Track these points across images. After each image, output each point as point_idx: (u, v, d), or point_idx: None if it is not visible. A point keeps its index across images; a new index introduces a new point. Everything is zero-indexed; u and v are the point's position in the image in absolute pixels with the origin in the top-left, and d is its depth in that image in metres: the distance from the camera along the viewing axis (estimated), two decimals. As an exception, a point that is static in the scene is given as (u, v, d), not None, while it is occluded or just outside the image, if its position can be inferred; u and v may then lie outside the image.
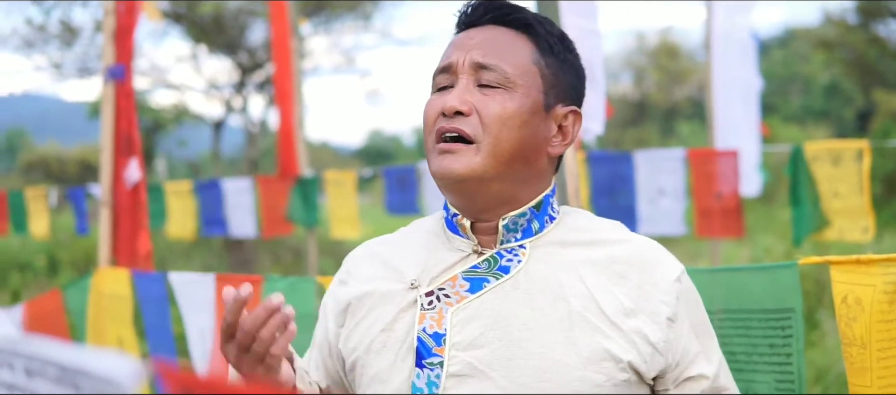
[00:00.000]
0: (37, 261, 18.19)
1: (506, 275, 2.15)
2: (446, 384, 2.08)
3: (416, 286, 2.19)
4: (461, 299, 2.14)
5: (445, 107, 2.13)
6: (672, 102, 37.66)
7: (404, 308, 2.18)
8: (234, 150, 33.43)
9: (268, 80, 19.48)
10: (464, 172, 2.11)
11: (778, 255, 12.61)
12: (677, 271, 2.15)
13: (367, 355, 2.20)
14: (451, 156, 2.12)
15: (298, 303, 4.25)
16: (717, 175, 7.98)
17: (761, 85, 8.90)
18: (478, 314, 2.12)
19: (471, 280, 2.16)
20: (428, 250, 2.25)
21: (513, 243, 2.19)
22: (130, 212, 5.77)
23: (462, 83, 2.15)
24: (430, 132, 2.17)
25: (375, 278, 2.27)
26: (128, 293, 5.18)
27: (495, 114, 2.12)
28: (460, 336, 2.10)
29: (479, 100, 2.13)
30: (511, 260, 2.17)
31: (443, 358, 2.09)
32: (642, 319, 2.08)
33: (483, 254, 2.19)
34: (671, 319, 2.09)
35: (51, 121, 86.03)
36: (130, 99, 5.79)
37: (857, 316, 2.58)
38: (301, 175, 10.13)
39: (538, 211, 2.21)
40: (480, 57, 2.15)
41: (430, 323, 2.13)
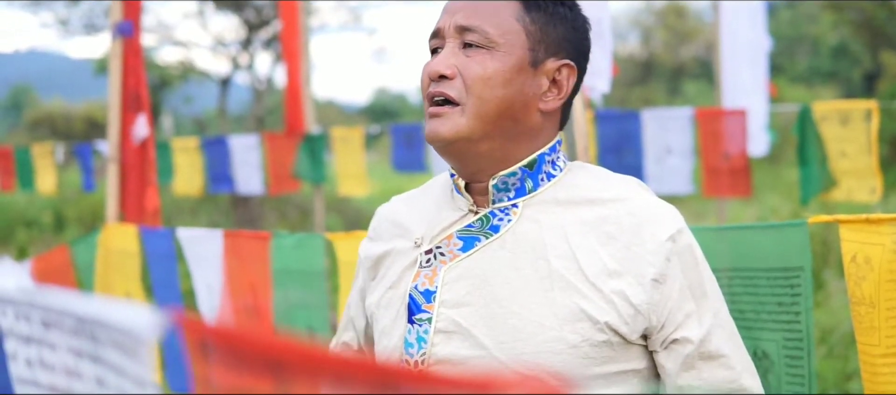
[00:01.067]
0: (43, 217, 18.23)
1: (495, 234, 2.17)
2: (434, 340, 2.12)
3: (419, 245, 2.24)
4: (454, 257, 2.18)
5: (430, 71, 2.16)
6: (679, 62, 37.55)
7: (408, 266, 2.24)
8: (240, 107, 33.34)
9: (274, 37, 19.44)
10: (450, 135, 2.13)
11: (784, 215, 12.59)
12: (671, 230, 2.12)
13: (378, 310, 2.27)
14: (438, 120, 2.14)
15: (307, 260, 4.27)
16: (724, 134, 7.98)
17: (770, 45, 8.87)
18: (467, 273, 2.15)
19: (464, 239, 2.20)
20: (436, 209, 2.29)
21: (506, 203, 2.20)
22: (138, 168, 5.77)
23: (448, 47, 2.17)
24: (424, 97, 2.20)
25: (394, 236, 2.33)
26: (135, 249, 5.19)
27: (477, 75, 2.13)
28: (449, 294, 2.14)
29: (462, 62, 2.15)
30: (502, 219, 2.19)
31: (431, 315, 2.14)
32: (626, 280, 2.07)
33: (478, 213, 2.21)
34: (657, 280, 2.07)
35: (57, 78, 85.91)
36: (138, 56, 5.78)
37: (866, 275, 2.57)
38: (308, 132, 10.11)
39: (531, 170, 2.20)
40: (463, 20, 2.16)
41: (423, 281, 2.18)
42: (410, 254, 2.24)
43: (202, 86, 26.04)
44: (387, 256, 2.31)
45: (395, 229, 2.33)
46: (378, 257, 2.33)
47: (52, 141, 18.70)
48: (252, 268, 4.50)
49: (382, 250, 2.33)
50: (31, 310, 1.31)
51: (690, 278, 2.13)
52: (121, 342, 1.14)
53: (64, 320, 1.25)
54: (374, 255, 2.35)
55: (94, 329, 1.19)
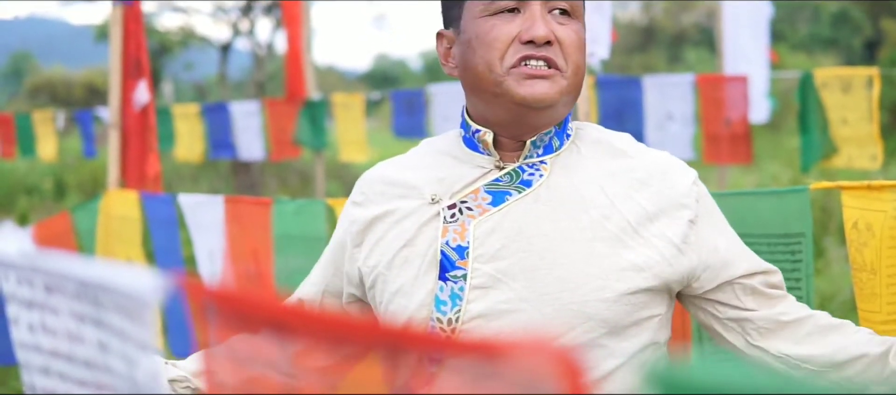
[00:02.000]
0: (44, 184, 18.23)
1: (528, 189, 2.16)
2: (469, 296, 2.10)
3: (437, 201, 2.20)
4: (484, 211, 2.15)
5: (537, 36, 2.10)
6: (679, 28, 37.47)
7: (425, 223, 2.19)
8: (240, 73, 33.33)
9: (275, 3, 19.39)
10: (555, 98, 2.11)
11: (785, 182, 12.60)
12: (693, 175, 2.20)
13: (389, 270, 2.20)
14: (544, 81, 2.11)
15: (308, 226, 4.27)
16: (725, 101, 7.97)
17: (771, 11, 8.85)
18: (500, 227, 2.13)
19: (493, 193, 2.17)
20: (445, 168, 2.25)
21: (534, 159, 2.20)
22: (139, 134, 5.77)
23: (537, 10, 2.13)
24: (500, 57, 2.13)
25: (394, 197, 2.27)
26: (137, 215, 5.20)
27: (575, 44, 2.14)
28: (483, 248, 2.12)
29: (556, 28, 2.13)
30: (533, 174, 2.18)
31: (466, 270, 2.11)
32: (664, 221, 2.11)
33: (504, 168, 2.20)
34: (692, 220, 2.13)
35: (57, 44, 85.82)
36: (139, 21, 5.77)
37: (868, 242, 2.58)
38: (309, 98, 10.11)
39: (560, 129, 2.22)
40: None
41: (454, 236, 2.15)
42: (425, 211, 2.20)
43: (202, 52, 26.04)
44: (385, 216, 2.26)
45: (394, 189, 2.28)
46: (370, 220, 2.27)
47: (53, 108, 18.67)
48: (253, 234, 4.51)
49: (377, 211, 2.27)
50: (34, 275, 1.31)
51: (715, 218, 2.21)
52: (124, 305, 1.14)
53: (66, 285, 1.25)
54: (364, 218, 2.29)
55: (97, 294, 1.19)
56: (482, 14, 2.17)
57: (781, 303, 2.20)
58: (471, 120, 2.25)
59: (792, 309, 2.19)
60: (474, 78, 2.18)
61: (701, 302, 2.21)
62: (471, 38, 2.18)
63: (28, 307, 1.35)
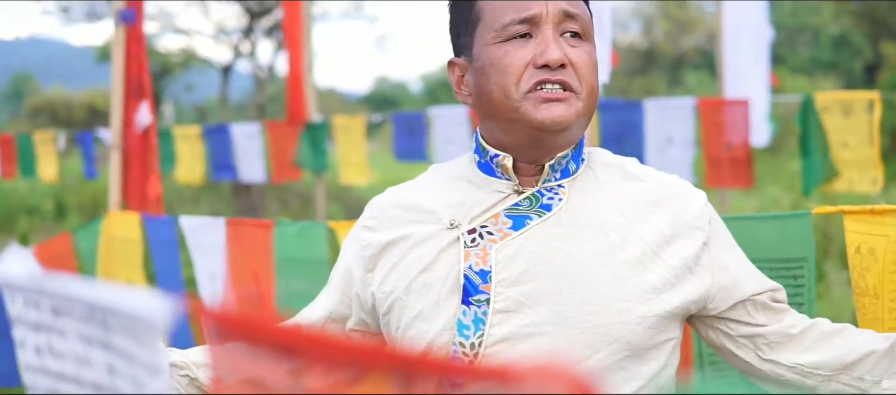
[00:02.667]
0: (44, 205, 18.24)
1: (548, 212, 2.18)
2: (493, 320, 2.10)
3: (456, 226, 2.20)
4: (505, 235, 2.16)
5: (551, 60, 2.11)
6: (680, 52, 37.54)
7: (444, 248, 2.19)
8: (240, 95, 33.38)
9: (276, 25, 19.43)
10: (572, 120, 2.13)
11: (785, 205, 12.62)
12: (703, 197, 2.24)
13: (408, 296, 2.20)
14: (561, 104, 2.13)
15: (309, 248, 4.27)
16: (726, 125, 7.97)
17: (772, 35, 8.86)
18: (522, 251, 2.14)
19: (513, 218, 2.18)
20: (460, 193, 2.26)
21: (552, 183, 2.22)
22: (141, 156, 5.78)
23: (549, 34, 2.15)
24: (516, 83, 2.14)
25: (409, 221, 2.27)
26: (138, 237, 5.20)
27: (588, 65, 2.16)
28: (506, 272, 2.12)
29: (569, 51, 2.15)
30: (552, 198, 2.20)
31: (489, 295, 2.11)
32: (680, 244, 2.15)
33: (523, 193, 2.21)
34: (706, 243, 2.17)
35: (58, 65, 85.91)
36: (141, 43, 5.79)
37: (870, 266, 2.58)
38: (310, 120, 10.12)
39: (576, 152, 2.24)
40: (566, 6, 2.16)
41: (476, 261, 2.15)
42: (444, 236, 2.21)
43: (203, 73, 26.06)
44: (400, 241, 2.25)
45: (409, 214, 2.28)
46: (384, 245, 2.27)
47: (54, 129, 18.67)
48: (254, 256, 4.51)
49: (391, 236, 2.27)
50: (41, 297, 1.31)
51: (725, 238, 2.25)
52: (132, 328, 1.14)
53: (74, 308, 1.25)
54: (377, 243, 2.29)
55: (105, 316, 1.19)
56: (495, 40, 2.19)
57: (787, 316, 2.24)
58: (486, 145, 2.26)
59: (798, 321, 2.23)
60: (490, 104, 2.19)
61: (714, 322, 2.23)
62: (484, 65, 2.19)
63: (35, 330, 1.35)
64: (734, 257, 2.24)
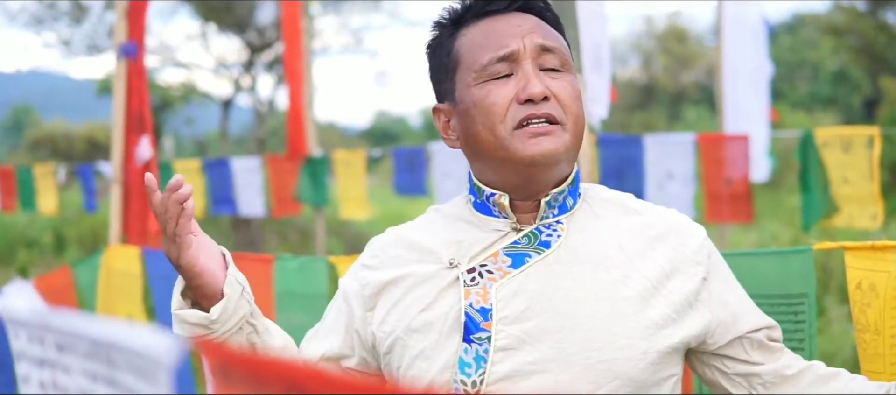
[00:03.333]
0: (44, 238, 18.22)
1: (547, 249, 2.18)
2: (494, 358, 2.10)
3: (455, 265, 2.20)
4: (504, 274, 2.16)
5: (533, 94, 2.13)
6: (679, 87, 37.61)
7: (445, 288, 2.19)
8: (240, 129, 33.41)
9: (277, 59, 19.48)
10: (560, 152, 2.14)
11: (785, 241, 12.60)
12: (703, 232, 2.25)
13: (408, 335, 2.19)
14: (548, 137, 2.14)
15: (310, 283, 4.26)
16: (726, 160, 7.98)
17: (772, 70, 8.88)
18: (523, 288, 2.14)
19: (512, 256, 2.18)
20: (459, 233, 2.26)
21: (550, 219, 2.22)
22: (141, 190, 5.78)
23: (529, 68, 2.16)
24: (501, 121, 2.16)
25: (409, 261, 2.27)
26: (138, 271, 5.19)
27: (570, 95, 2.17)
28: (507, 310, 2.12)
29: (550, 83, 2.16)
30: (550, 235, 2.20)
31: (490, 333, 2.11)
32: (680, 279, 2.15)
33: (521, 231, 2.21)
34: (705, 278, 2.17)
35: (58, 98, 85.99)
36: (142, 77, 5.80)
37: (871, 302, 2.58)
38: (310, 155, 10.13)
39: (572, 187, 2.24)
40: (542, 40, 2.18)
41: (476, 299, 2.14)
42: (444, 275, 2.20)
43: (204, 107, 26.11)
44: (400, 281, 2.25)
45: (410, 253, 2.28)
46: (384, 284, 2.26)
47: (54, 161, 18.68)
48: (255, 290, 4.45)
49: (391, 275, 2.26)
50: (45, 332, 1.31)
51: (724, 273, 2.25)
52: (137, 365, 1.14)
53: (79, 343, 1.25)
54: (377, 282, 2.28)
55: (110, 353, 1.19)
56: (476, 82, 2.20)
57: (783, 356, 2.24)
58: (481, 185, 2.26)
59: (794, 362, 2.23)
60: (478, 145, 2.20)
61: (709, 358, 2.23)
62: (469, 107, 2.20)
63: (39, 365, 1.35)
64: (733, 292, 2.24)
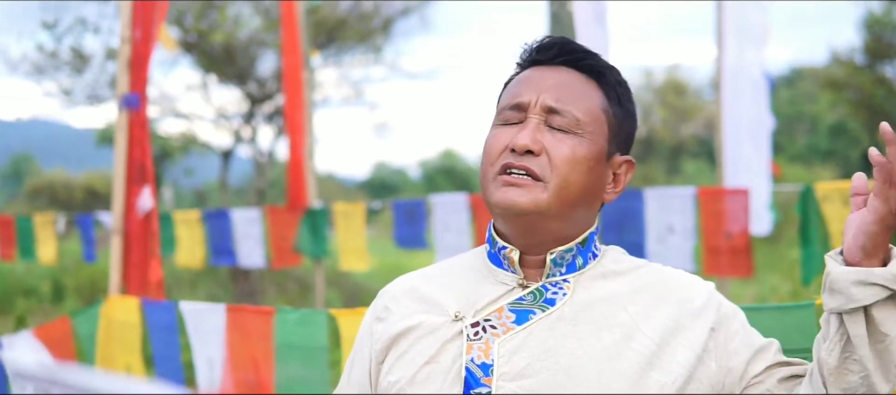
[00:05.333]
0: (42, 287, 18.19)
1: (552, 307, 2.18)
2: None
3: (460, 318, 2.21)
4: (508, 330, 2.16)
5: (517, 144, 2.16)
6: (678, 140, 37.67)
7: (449, 340, 2.20)
8: (240, 180, 33.43)
9: (277, 110, 19.49)
10: (527, 207, 2.15)
11: (784, 294, 12.59)
12: (710, 287, 2.24)
13: (411, 386, 2.20)
14: (516, 189, 2.15)
15: (309, 335, 4.26)
16: (726, 214, 7.97)
17: (773, 124, 8.89)
18: (525, 345, 2.14)
19: (517, 312, 2.19)
20: (470, 284, 2.27)
21: (557, 277, 2.22)
22: (142, 240, 5.78)
23: (533, 122, 2.19)
24: (492, 164, 2.20)
25: (417, 312, 2.28)
26: (137, 321, 5.19)
27: (566, 156, 2.17)
28: (508, 366, 2.12)
29: (549, 141, 2.17)
30: (556, 293, 2.20)
31: (490, 388, 2.11)
32: (685, 334, 2.14)
33: (528, 287, 2.22)
34: (714, 328, 2.16)
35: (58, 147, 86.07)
36: (144, 128, 5.81)
37: (873, 358, 2.57)
38: (310, 206, 10.13)
39: (583, 247, 2.25)
40: (553, 101, 2.20)
41: (478, 354, 2.15)
42: (449, 328, 2.21)
43: (204, 158, 26.12)
44: (410, 332, 2.26)
45: (419, 304, 2.29)
46: (395, 336, 2.27)
47: (53, 210, 18.67)
48: (254, 342, 4.50)
49: (402, 327, 2.27)
50: (52, 386, 1.31)
51: (735, 323, 2.21)
52: (144, 420, 1.14)
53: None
54: (388, 335, 2.29)
55: (117, 407, 1.19)
56: (495, 124, 2.26)
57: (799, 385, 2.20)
58: (497, 235, 2.28)
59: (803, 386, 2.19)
60: (480, 183, 2.25)
61: None
62: (484, 146, 2.25)
63: (43, 419, 1.35)
64: (743, 340, 2.20)
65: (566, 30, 4.13)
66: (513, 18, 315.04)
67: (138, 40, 5.80)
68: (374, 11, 19.57)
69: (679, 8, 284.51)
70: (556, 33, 4.04)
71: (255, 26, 18.15)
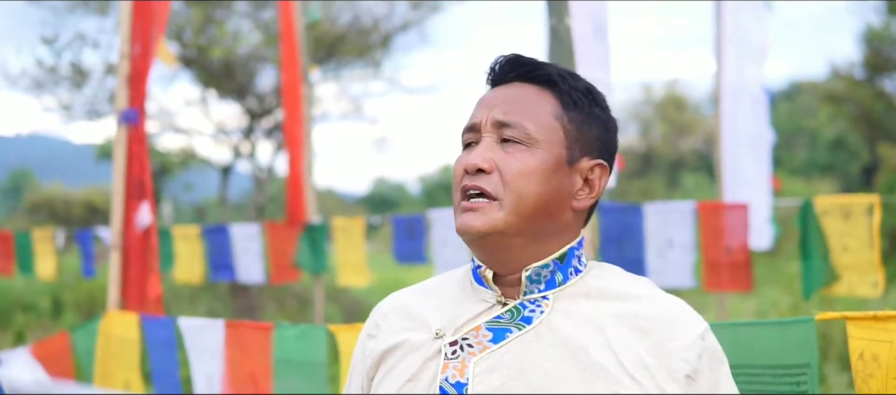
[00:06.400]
0: (41, 302, 18.17)
1: (528, 326, 2.16)
2: None
3: (440, 336, 2.20)
4: (484, 348, 2.15)
5: (468, 165, 2.16)
6: (678, 154, 37.71)
7: (430, 358, 2.19)
8: (239, 195, 33.42)
9: (276, 126, 19.49)
10: (484, 229, 2.14)
11: (784, 308, 12.59)
12: (701, 329, 2.15)
13: None
14: (472, 213, 2.15)
15: (309, 351, 4.26)
16: (726, 228, 7.97)
17: (773, 138, 8.89)
18: (500, 364, 2.12)
19: (494, 330, 2.17)
20: (455, 301, 2.26)
21: (536, 295, 2.20)
22: (140, 255, 5.78)
23: (485, 141, 2.19)
24: (456, 189, 2.20)
25: (404, 329, 2.28)
26: (136, 337, 5.19)
27: (516, 171, 2.15)
28: (482, 386, 2.11)
29: (500, 157, 2.16)
30: (534, 311, 2.18)
31: None
32: (662, 374, 2.08)
33: (507, 304, 2.20)
34: (690, 376, 2.09)
35: (57, 162, 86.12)
36: (143, 143, 5.81)
37: (874, 372, 2.57)
38: (309, 222, 10.12)
39: (562, 263, 2.22)
40: (501, 115, 2.18)
41: (453, 373, 2.14)
42: (430, 346, 2.20)
43: (203, 173, 26.12)
44: (396, 349, 2.26)
45: (406, 321, 2.29)
46: (383, 352, 2.28)
47: (52, 225, 18.66)
48: (253, 358, 4.50)
49: (389, 343, 2.28)
50: (46, 404, 1.31)
51: (717, 375, 2.15)
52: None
53: (80, 415, 1.24)
54: (377, 351, 2.30)
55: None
56: (462, 149, 2.27)
57: None
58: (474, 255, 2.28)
59: None
60: None
61: None
62: None
63: (38, 436, 1.34)
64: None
65: (565, 45, 4.11)
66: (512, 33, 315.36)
67: (137, 55, 5.80)
68: (373, 26, 19.57)
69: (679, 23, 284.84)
70: (555, 49, 4.02)
71: (255, 42, 18.15)
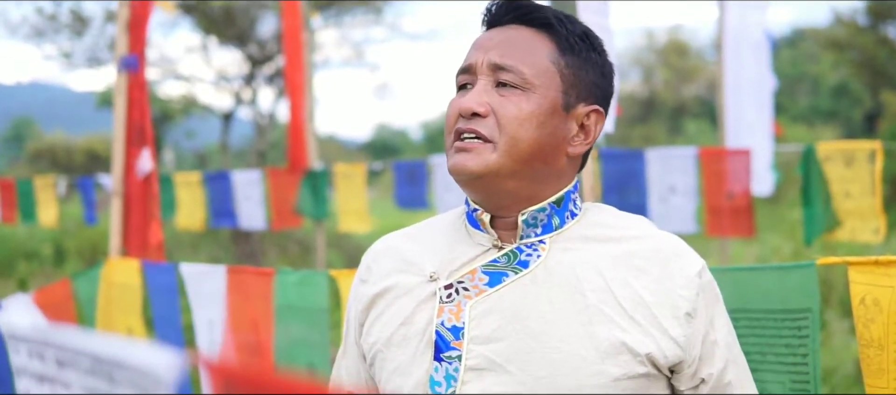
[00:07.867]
0: (43, 250, 18.22)
1: (525, 269, 2.15)
2: (465, 378, 2.08)
3: (435, 279, 2.19)
4: (480, 292, 2.14)
5: (462, 108, 2.14)
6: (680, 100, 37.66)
7: (423, 301, 2.18)
8: (241, 141, 33.42)
9: (277, 72, 19.47)
10: (478, 170, 2.12)
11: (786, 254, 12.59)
12: (698, 266, 2.15)
13: (388, 348, 2.20)
14: (466, 154, 2.13)
15: (310, 297, 4.25)
16: (728, 174, 7.96)
17: (775, 84, 8.87)
18: (496, 308, 2.12)
19: (490, 274, 2.16)
20: (448, 244, 2.25)
21: (532, 238, 2.19)
22: (142, 202, 5.77)
23: (480, 84, 2.16)
24: (449, 132, 2.18)
25: (395, 272, 2.27)
26: (138, 284, 5.18)
27: (512, 115, 2.12)
28: (478, 330, 2.10)
29: (496, 101, 2.14)
30: (530, 255, 2.17)
31: (461, 352, 2.10)
32: (662, 312, 2.08)
33: (503, 249, 2.19)
34: (689, 314, 2.09)
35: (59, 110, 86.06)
36: (143, 90, 5.79)
37: (875, 318, 2.56)
38: (311, 168, 10.11)
39: (559, 207, 2.20)
40: (497, 58, 2.16)
41: (449, 316, 2.13)
42: (424, 289, 2.19)
43: (204, 120, 26.11)
44: (387, 292, 2.25)
45: (397, 264, 2.28)
46: (373, 297, 2.27)
47: (54, 173, 18.66)
48: (255, 304, 4.49)
49: (380, 287, 2.27)
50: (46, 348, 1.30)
51: (712, 312, 2.15)
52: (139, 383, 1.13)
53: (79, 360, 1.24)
54: (368, 296, 2.29)
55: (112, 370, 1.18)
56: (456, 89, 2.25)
57: None
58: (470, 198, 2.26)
59: None
60: None
61: None
62: None
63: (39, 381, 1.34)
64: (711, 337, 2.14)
65: (567, -11, 4.07)
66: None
67: (137, 1, 5.77)
68: (374, -28, 19.51)
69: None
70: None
71: (255, -13, 18.11)
